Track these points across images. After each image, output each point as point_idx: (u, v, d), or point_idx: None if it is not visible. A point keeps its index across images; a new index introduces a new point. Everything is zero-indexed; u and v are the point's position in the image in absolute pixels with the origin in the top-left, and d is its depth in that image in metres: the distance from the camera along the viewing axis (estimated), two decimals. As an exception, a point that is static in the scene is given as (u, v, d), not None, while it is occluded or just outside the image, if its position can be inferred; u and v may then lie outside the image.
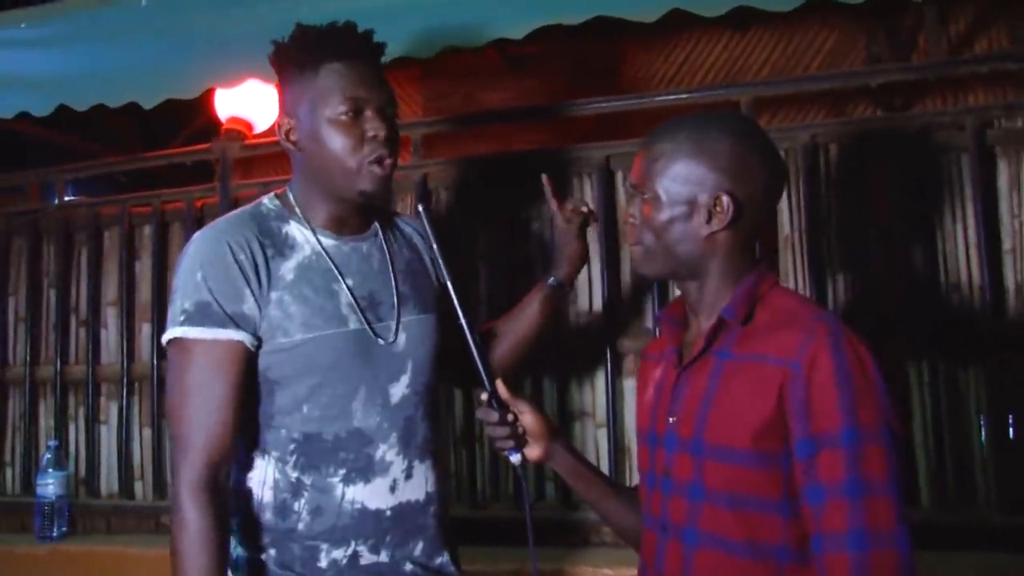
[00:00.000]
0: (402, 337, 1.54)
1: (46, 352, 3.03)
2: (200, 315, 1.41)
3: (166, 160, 3.03)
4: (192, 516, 1.36)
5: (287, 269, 1.48)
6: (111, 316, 2.97)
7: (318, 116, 1.48)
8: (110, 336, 2.96)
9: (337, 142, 1.48)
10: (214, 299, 1.41)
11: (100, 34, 2.42)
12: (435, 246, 1.50)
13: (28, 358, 3.01)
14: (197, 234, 1.50)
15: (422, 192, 2.58)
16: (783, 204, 2.30)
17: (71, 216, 3.03)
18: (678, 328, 1.39)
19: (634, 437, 1.58)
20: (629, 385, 2.37)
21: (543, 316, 1.77)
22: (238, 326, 1.42)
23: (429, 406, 1.58)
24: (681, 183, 1.28)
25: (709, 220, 1.28)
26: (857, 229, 2.25)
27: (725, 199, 1.27)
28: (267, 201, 1.57)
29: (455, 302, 1.47)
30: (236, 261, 1.43)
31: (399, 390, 1.53)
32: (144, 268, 2.92)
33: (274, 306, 1.45)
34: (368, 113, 1.49)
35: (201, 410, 1.40)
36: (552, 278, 1.76)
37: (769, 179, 1.31)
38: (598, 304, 2.43)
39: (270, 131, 3.12)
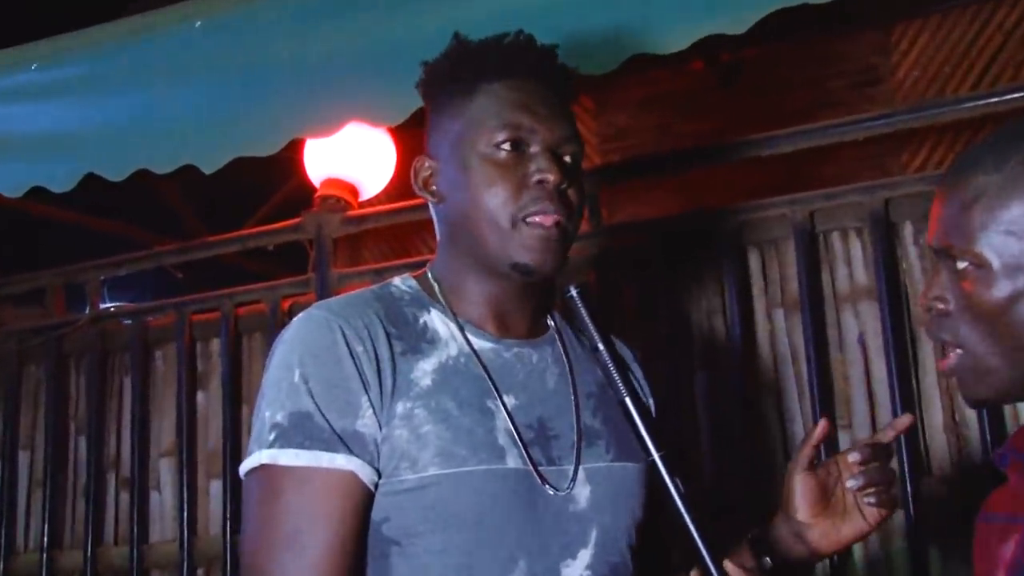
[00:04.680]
0: (584, 490, 1.50)
1: (72, 530, 3.07)
2: (297, 431, 1.39)
3: (239, 244, 3.10)
4: None
5: (423, 371, 1.46)
6: (165, 472, 3.01)
7: (466, 152, 1.51)
8: (164, 501, 3.00)
9: (487, 186, 1.48)
10: (317, 408, 1.39)
11: (139, 73, 2.48)
12: (600, 346, 1.47)
13: (46, 540, 3.03)
14: (299, 315, 1.50)
15: (595, 266, 2.54)
16: None
17: (109, 330, 3.10)
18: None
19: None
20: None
21: None
22: (350, 450, 1.39)
23: None
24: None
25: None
26: None
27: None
28: (399, 282, 1.60)
29: (642, 432, 1.44)
30: (351, 355, 1.42)
31: (577, 570, 1.47)
32: (212, 399, 2.97)
33: (400, 423, 1.42)
34: (535, 150, 1.49)
35: (299, 569, 1.34)
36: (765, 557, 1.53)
37: None
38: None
39: (383, 195, 3.13)
